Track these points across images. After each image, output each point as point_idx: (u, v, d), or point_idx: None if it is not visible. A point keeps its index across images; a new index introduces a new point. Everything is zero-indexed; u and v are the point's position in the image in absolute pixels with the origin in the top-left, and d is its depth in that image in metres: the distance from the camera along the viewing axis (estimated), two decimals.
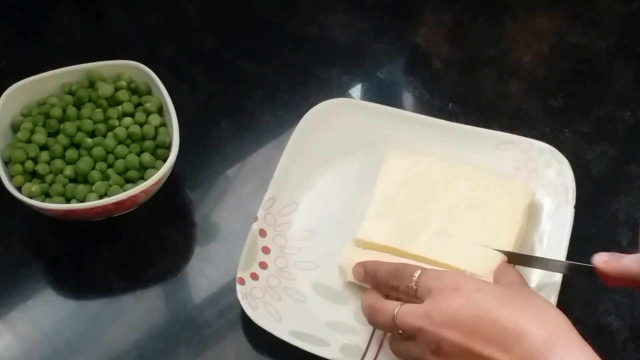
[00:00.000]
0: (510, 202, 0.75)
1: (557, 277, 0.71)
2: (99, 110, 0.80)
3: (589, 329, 0.72)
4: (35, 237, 0.81)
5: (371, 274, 0.69)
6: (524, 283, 0.66)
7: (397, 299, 0.66)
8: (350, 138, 0.83)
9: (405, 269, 0.66)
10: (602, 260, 0.64)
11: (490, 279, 0.71)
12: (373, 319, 0.66)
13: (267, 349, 0.72)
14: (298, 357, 0.69)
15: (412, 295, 0.64)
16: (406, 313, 0.62)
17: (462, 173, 0.78)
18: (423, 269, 0.65)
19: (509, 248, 0.73)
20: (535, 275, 0.73)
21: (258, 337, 0.71)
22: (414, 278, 0.64)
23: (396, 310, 0.63)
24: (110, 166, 0.78)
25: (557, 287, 0.71)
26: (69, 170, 0.77)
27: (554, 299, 0.70)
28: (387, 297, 0.67)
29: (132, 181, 0.77)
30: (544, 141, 0.80)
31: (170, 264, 0.78)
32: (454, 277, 0.63)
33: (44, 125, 0.80)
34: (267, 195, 0.78)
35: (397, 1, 1.01)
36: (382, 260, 0.70)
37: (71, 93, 0.82)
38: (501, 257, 0.72)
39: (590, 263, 0.65)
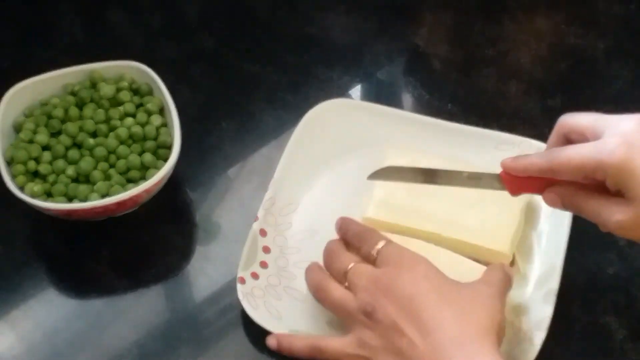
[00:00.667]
0: (508, 202, 0.75)
1: (556, 277, 0.72)
2: (100, 110, 0.81)
3: (587, 328, 0.73)
4: (37, 236, 0.81)
5: (343, 228, 0.73)
6: (491, 283, 0.66)
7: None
8: (350, 138, 0.83)
9: (372, 235, 0.70)
10: (509, 159, 0.67)
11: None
12: (329, 262, 0.71)
13: (267, 349, 0.72)
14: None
15: (370, 261, 0.68)
16: (359, 270, 0.67)
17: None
18: (388, 241, 0.69)
19: (506, 248, 0.73)
20: (533, 274, 0.74)
21: (258, 336, 0.71)
22: (377, 247, 0.68)
23: (352, 264, 0.68)
24: (112, 166, 0.78)
25: (556, 287, 0.71)
26: (70, 170, 0.77)
27: (552, 299, 0.70)
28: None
29: (134, 181, 0.78)
30: (543, 141, 0.79)
31: (171, 264, 0.78)
32: (412, 258, 0.66)
33: (46, 126, 0.80)
34: (268, 195, 0.78)
35: (397, 1, 1.01)
36: (356, 220, 0.74)
37: (73, 93, 0.82)
38: (498, 258, 0.72)
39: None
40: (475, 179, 0.70)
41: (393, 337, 0.62)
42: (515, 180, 0.67)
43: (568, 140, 0.66)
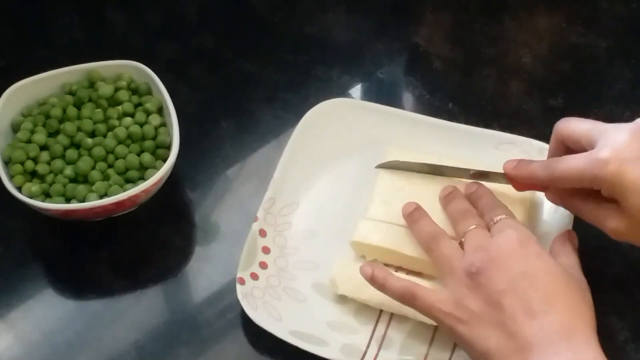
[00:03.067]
0: (511, 202, 0.75)
1: None
2: (99, 110, 0.80)
3: None
4: (35, 237, 0.81)
5: (476, 194, 0.73)
6: (577, 268, 0.69)
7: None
8: (350, 138, 0.83)
9: (498, 206, 0.71)
10: (511, 166, 0.71)
11: None
12: (455, 218, 0.71)
13: (267, 349, 0.72)
14: (298, 357, 0.70)
15: (486, 226, 0.69)
16: (478, 233, 0.67)
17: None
18: (509, 215, 0.69)
19: None
20: None
21: (258, 337, 0.71)
22: (498, 217, 0.68)
23: (472, 226, 0.68)
24: (110, 166, 0.78)
25: None
26: (69, 170, 0.77)
27: None
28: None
29: (132, 181, 0.77)
30: (544, 141, 0.80)
31: (170, 264, 0.78)
32: (528, 236, 0.66)
33: (44, 125, 0.80)
34: (267, 195, 0.78)
35: (397, 1, 1.01)
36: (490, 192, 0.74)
37: (71, 93, 0.82)
38: None
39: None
40: (482, 176, 0.74)
41: (492, 307, 0.62)
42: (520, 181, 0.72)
43: (566, 146, 0.69)
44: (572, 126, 0.68)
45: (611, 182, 0.62)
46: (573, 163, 0.65)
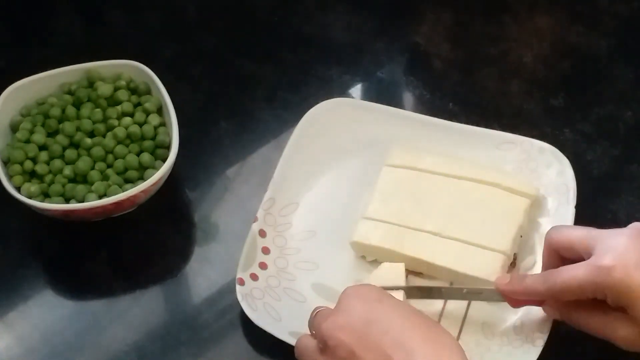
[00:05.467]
0: (511, 202, 0.75)
1: None
2: (98, 110, 0.80)
3: None
4: (34, 237, 0.81)
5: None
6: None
7: None
8: (350, 138, 0.83)
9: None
10: (504, 282, 0.67)
11: (493, 279, 0.71)
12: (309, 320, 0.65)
13: (267, 350, 0.72)
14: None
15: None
16: (319, 313, 0.64)
17: (463, 172, 0.78)
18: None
19: (507, 248, 0.73)
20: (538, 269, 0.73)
21: (258, 337, 0.71)
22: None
23: (317, 310, 0.65)
24: (109, 166, 0.78)
25: None
26: (68, 170, 0.77)
27: None
28: None
29: (132, 181, 0.77)
30: (544, 141, 0.80)
31: (170, 265, 0.78)
32: (363, 286, 0.64)
33: (43, 125, 0.79)
34: (267, 195, 0.78)
35: (397, 1, 1.00)
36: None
37: (70, 93, 0.82)
38: (499, 258, 0.72)
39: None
40: (475, 294, 0.70)
41: None
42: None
43: (560, 256, 0.66)
44: (565, 234, 0.65)
45: (618, 290, 0.59)
46: (574, 273, 0.62)
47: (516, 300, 0.67)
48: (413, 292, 0.71)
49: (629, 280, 0.59)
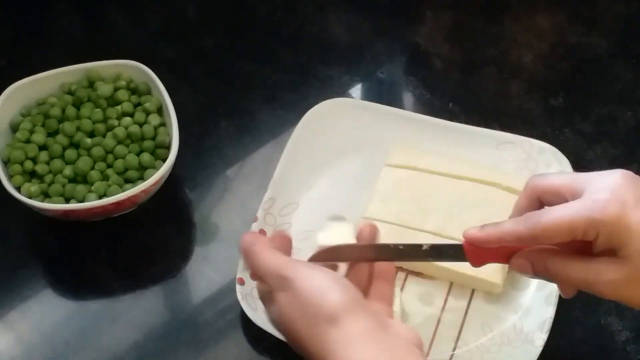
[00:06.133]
0: (511, 201, 0.75)
1: None
2: (98, 110, 0.80)
3: (590, 329, 0.72)
4: (35, 237, 0.81)
5: None
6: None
7: None
8: (350, 138, 0.83)
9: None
10: (474, 231, 0.60)
11: (493, 279, 0.71)
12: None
13: (267, 349, 0.72)
14: (298, 357, 0.69)
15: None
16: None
17: (463, 172, 0.78)
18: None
19: None
20: None
21: (258, 337, 0.71)
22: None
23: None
24: (109, 166, 0.78)
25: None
26: (68, 170, 0.77)
27: (554, 300, 0.70)
28: None
29: (132, 181, 0.77)
30: (544, 141, 0.80)
31: (170, 264, 0.78)
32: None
33: (43, 125, 0.79)
34: (267, 195, 0.78)
35: (397, 1, 1.00)
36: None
37: (70, 93, 0.82)
38: None
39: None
40: (436, 252, 0.62)
41: None
42: (480, 251, 0.60)
43: (541, 202, 0.61)
44: (550, 178, 0.61)
45: (612, 226, 0.55)
46: (564, 210, 0.56)
47: (479, 256, 0.61)
48: (367, 251, 0.62)
49: (625, 216, 0.55)
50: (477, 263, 0.61)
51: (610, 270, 0.56)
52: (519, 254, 0.60)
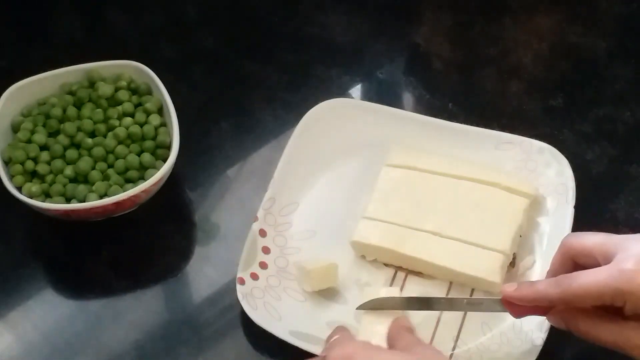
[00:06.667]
0: (511, 201, 0.75)
1: None
2: (99, 110, 0.80)
3: None
4: (35, 237, 0.81)
5: None
6: (418, 342, 0.63)
7: None
8: (350, 138, 0.83)
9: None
10: (511, 289, 0.64)
11: (493, 278, 0.71)
12: None
13: (267, 349, 0.72)
14: (298, 357, 0.69)
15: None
16: None
17: (462, 172, 0.78)
18: (337, 333, 0.65)
19: (507, 247, 0.73)
20: (534, 275, 0.73)
21: (258, 337, 0.71)
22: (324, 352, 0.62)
23: None
24: (110, 166, 0.78)
25: None
26: (69, 170, 0.77)
27: None
28: None
29: (132, 181, 0.77)
30: (543, 141, 0.80)
31: (170, 264, 0.78)
32: (349, 346, 0.60)
33: (44, 125, 0.79)
34: (267, 195, 0.78)
35: (397, 1, 1.01)
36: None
37: (71, 93, 0.82)
38: (498, 258, 0.72)
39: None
40: (476, 305, 0.67)
41: None
42: (518, 307, 0.64)
43: (575, 263, 0.64)
44: (583, 239, 0.63)
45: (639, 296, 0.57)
46: (593, 277, 0.59)
47: (519, 309, 0.64)
48: (412, 304, 0.69)
49: None
50: (516, 315, 0.65)
51: (638, 336, 0.58)
52: (553, 312, 0.63)
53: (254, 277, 0.74)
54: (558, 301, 0.61)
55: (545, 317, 0.66)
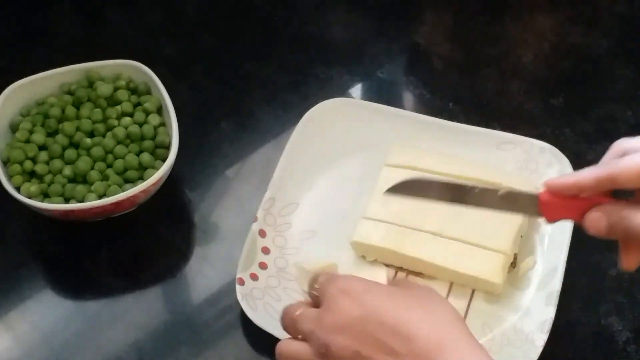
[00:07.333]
0: None
1: (558, 278, 0.71)
2: (98, 110, 0.80)
3: (590, 330, 0.72)
4: (34, 237, 0.81)
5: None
6: (418, 286, 0.61)
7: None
8: (350, 138, 0.82)
9: (318, 277, 0.62)
10: (554, 178, 0.59)
11: (494, 279, 0.71)
12: (282, 322, 0.62)
13: (267, 349, 0.71)
14: None
15: (317, 304, 0.60)
16: (302, 315, 0.60)
17: (463, 172, 0.78)
18: (325, 275, 0.61)
19: (508, 247, 0.73)
20: (535, 276, 0.73)
21: (258, 337, 0.71)
22: (316, 285, 0.60)
23: (297, 312, 0.60)
24: (109, 166, 0.78)
25: (558, 288, 0.71)
26: (67, 170, 0.77)
27: (554, 301, 0.70)
28: None
29: (131, 181, 0.77)
30: (545, 141, 0.80)
31: (170, 265, 0.78)
32: (345, 280, 0.59)
33: (42, 125, 0.79)
34: (267, 195, 0.77)
35: (397, 1, 1.00)
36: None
37: (70, 93, 0.82)
38: (499, 258, 0.72)
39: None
40: (511, 201, 0.60)
41: None
42: (556, 203, 0.58)
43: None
44: (637, 139, 0.58)
45: None
46: (637, 156, 0.55)
47: (556, 211, 0.58)
48: (442, 191, 0.63)
49: None
50: (550, 218, 0.59)
51: None
52: (595, 207, 0.57)
53: (254, 277, 0.74)
54: (605, 179, 0.56)
55: (588, 224, 0.58)
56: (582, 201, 0.57)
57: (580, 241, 0.73)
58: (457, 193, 0.62)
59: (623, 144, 0.58)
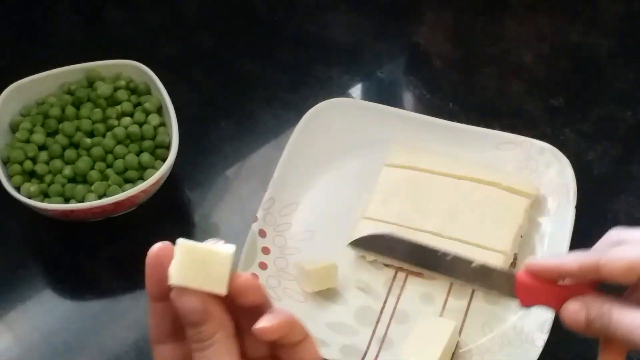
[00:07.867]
0: (511, 201, 0.75)
1: None
2: (97, 110, 0.80)
3: None
4: (34, 237, 0.81)
5: None
6: None
7: None
8: (350, 138, 0.82)
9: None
10: (535, 261, 0.55)
11: None
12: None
13: None
14: None
15: None
16: None
17: (463, 172, 0.78)
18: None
19: (508, 248, 0.73)
20: None
21: None
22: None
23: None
24: (109, 166, 0.78)
25: None
26: (67, 170, 0.77)
27: None
28: None
29: (131, 181, 0.77)
30: (544, 141, 0.79)
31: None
32: None
33: (42, 125, 0.79)
34: (267, 195, 0.77)
35: (397, 1, 1.00)
36: None
37: (70, 93, 0.82)
38: (499, 258, 0.72)
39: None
40: (484, 275, 0.57)
41: None
42: (534, 287, 0.54)
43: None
44: (630, 230, 0.54)
45: None
46: (630, 247, 0.51)
47: (532, 295, 0.54)
48: (411, 254, 0.58)
49: None
50: (525, 302, 0.55)
51: None
52: (576, 297, 0.53)
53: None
54: (588, 266, 0.52)
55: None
56: (562, 289, 0.54)
57: (580, 242, 0.73)
58: (427, 257, 0.58)
59: (618, 234, 0.54)
